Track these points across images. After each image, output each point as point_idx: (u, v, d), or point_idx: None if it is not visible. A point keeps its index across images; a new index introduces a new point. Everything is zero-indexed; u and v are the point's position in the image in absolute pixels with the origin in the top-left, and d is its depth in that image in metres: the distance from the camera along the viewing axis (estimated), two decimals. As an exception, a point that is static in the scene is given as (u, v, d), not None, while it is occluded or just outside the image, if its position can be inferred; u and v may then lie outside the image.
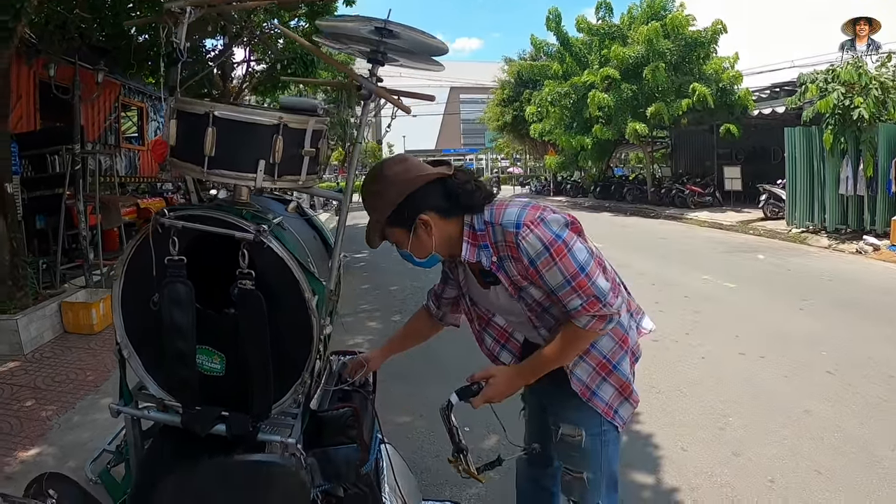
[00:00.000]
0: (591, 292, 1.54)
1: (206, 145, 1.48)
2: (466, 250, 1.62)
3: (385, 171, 1.57)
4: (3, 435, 3.88)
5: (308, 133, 1.58)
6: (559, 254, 1.52)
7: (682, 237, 12.80)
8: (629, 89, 16.77)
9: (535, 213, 1.55)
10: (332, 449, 1.89)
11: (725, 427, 3.70)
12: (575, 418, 1.79)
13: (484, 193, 1.61)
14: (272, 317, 1.58)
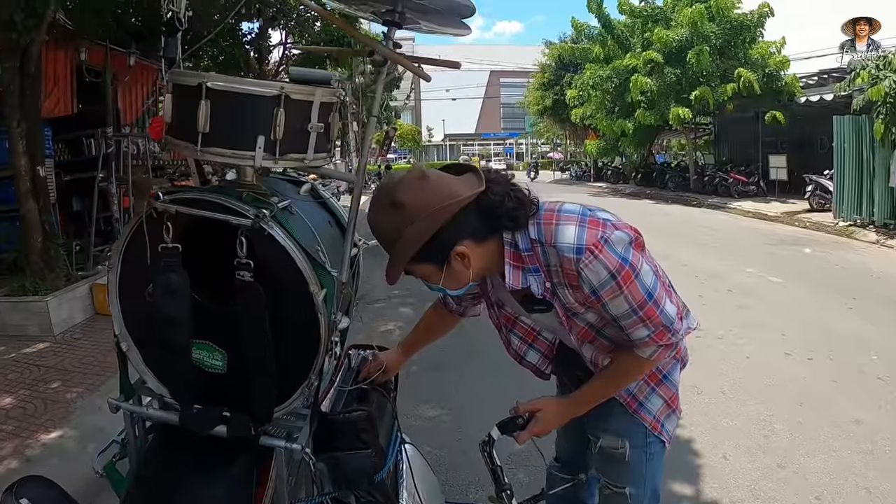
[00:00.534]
0: (660, 321, 1.36)
1: (198, 120, 1.31)
2: (510, 275, 1.37)
3: (401, 197, 1.27)
4: (28, 416, 3.88)
5: (315, 105, 1.39)
6: (626, 281, 1.30)
7: (726, 227, 12.40)
8: (672, 73, 16.34)
9: (596, 232, 1.29)
10: (343, 454, 1.73)
11: (770, 435, 3.47)
12: (618, 429, 1.62)
13: (527, 207, 1.34)
14: (275, 312, 1.42)
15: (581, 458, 1.95)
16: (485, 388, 4.20)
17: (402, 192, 1.27)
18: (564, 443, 2.02)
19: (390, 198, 1.28)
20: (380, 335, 5.38)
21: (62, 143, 7.94)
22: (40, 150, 5.76)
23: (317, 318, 1.41)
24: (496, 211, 1.31)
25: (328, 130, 1.48)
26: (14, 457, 3.38)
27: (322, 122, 1.42)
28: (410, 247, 1.27)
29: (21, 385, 4.37)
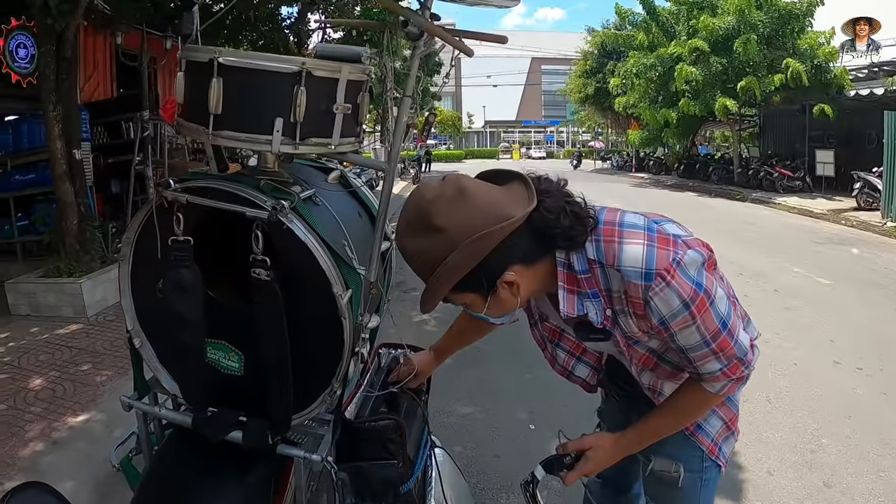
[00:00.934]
0: (733, 353, 1.19)
1: (210, 100, 1.17)
2: (564, 301, 1.19)
3: (439, 220, 1.08)
4: (57, 399, 3.87)
5: (341, 84, 1.23)
6: (700, 310, 1.12)
7: (770, 223, 11.95)
8: (718, 62, 15.80)
9: (667, 253, 1.11)
10: (368, 464, 1.61)
11: (817, 450, 3.23)
12: (672, 452, 1.46)
13: (585, 224, 1.15)
14: (294, 313, 1.29)
15: (626, 477, 1.80)
16: (521, 385, 4.07)
17: (440, 213, 1.08)
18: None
19: (425, 220, 1.09)
20: (414, 325, 5.26)
21: (101, 127, 8.02)
22: (76, 133, 5.78)
23: (340, 322, 1.26)
24: (550, 230, 1.13)
25: (357, 112, 1.33)
26: (40, 439, 3.36)
27: (349, 102, 1.27)
28: (451, 277, 1.11)
29: (52, 366, 4.39)
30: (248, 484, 1.47)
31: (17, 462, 3.14)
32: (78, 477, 3.00)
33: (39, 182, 6.56)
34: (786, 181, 16.01)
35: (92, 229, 5.99)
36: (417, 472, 1.69)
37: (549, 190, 1.17)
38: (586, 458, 1.37)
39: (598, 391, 1.70)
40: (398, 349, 1.95)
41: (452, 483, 2.01)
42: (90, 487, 2.91)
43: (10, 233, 6.92)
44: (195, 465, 1.51)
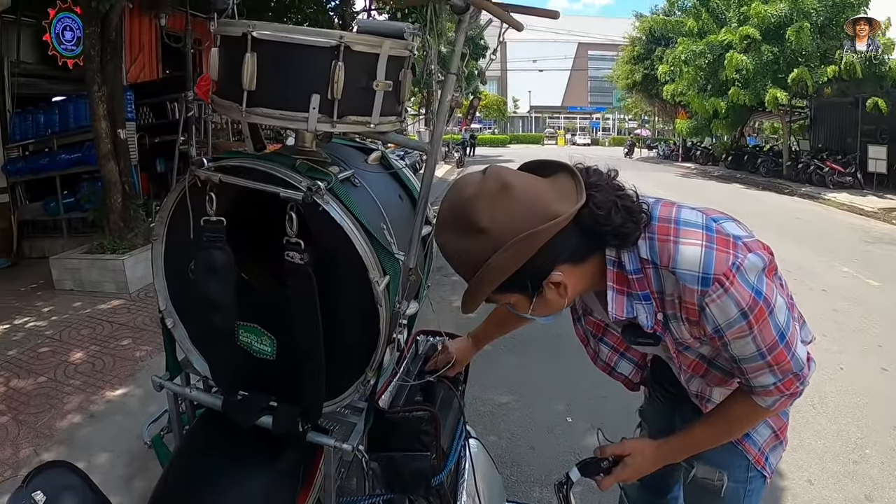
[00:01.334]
0: (789, 367, 1.11)
1: (244, 76, 1.12)
2: (613, 303, 1.11)
3: (482, 219, 1.00)
4: (96, 372, 3.96)
5: (382, 59, 1.17)
6: (759, 319, 1.04)
7: (819, 219, 11.52)
8: (770, 51, 15.26)
9: (727, 256, 1.03)
10: (400, 455, 1.56)
11: (860, 462, 3.08)
12: (717, 460, 1.39)
13: (637, 220, 1.07)
14: (329, 298, 1.24)
15: (665, 480, 1.72)
16: (560, 375, 4.00)
17: (482, 211, 1.00)
18: None
19: (466, 219, 1.02)
20: (454, 311, 5.21)
21: (147, 108, 8.15)
22: (121, 113, 5.88)
23: (376, 310, 1.21)
24: (600, 228, 1.05)
25: (398, 90, 1.26)
26: (78, 412, 3.44)
27: (391, 79, 1.20)
28: (494, 279, 1.04)
29: (93, 341, 4.49)
30: (276, 469, 1.44)
31: (55, 434, 3.21)
32: (113, 450, 3.06)
33: (85, 161, 6.70)
34: (836, 176, 15.43)
35: (136, 207, 6.11)
36: (451, 464, 1.65)
37: (599, 183, 1.08)
38: (624, 465, 1.30)
39: (640, 389, 1.62)
40: (436, 336, 1.91)
41: (485, 475, 1.97)
42: (124, 461, 2.96)
43: (57, 210, 7.10)
44: (224, 447, 1.48)
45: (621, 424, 1.67)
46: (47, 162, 6.91)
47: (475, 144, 29.40)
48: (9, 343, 4.46)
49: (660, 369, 1.48)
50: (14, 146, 7.22)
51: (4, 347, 4.37)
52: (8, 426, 3.29)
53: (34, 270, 6.54)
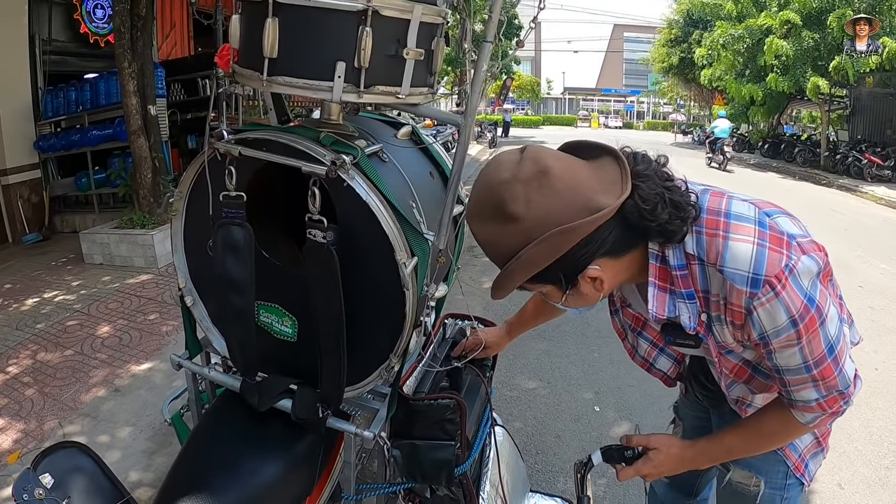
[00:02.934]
0: (835, 384, 1.02)
1: (265, 43, 1.05)
2: (654, 300, 1.03)
3: (516, 207, 0.92)
4: (123, 346, 3.98)
5: (413, 26, 1.08)
6: (809, 329, 0.95)
7: (856, 213, 11.12)
8: (810, 38, 14.71)
9: (780, 256, 0.94)
10: (423, 444, 1.51)
11: (892, 467, 2.93)
12: (754, 464, 1.31)
13: (685, 216, 0.97)
14: (353, 279, 1.18)
15: (695, 480, 1.65)
16: (589, 363, 3.92)
17: (516, 198, 0.91)
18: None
19: (499, 205, 0.93)
20: (483, 291, 5.14)
21: (178, 84, 8.18)
22: (151, 89, 5.88)
23: (403, 293, 1.15)
24: (645, 223, 0.96)
25: (430, 59, 1.18)
26: (103, 385, 3.46)
27: (422, 47, 1.12)
28: (526, 271, 0.96)
29: (120, 315, 4.52)
30: (294, 453, 1.40)
31: (80, 407, 3.24)
32: (136, 424, 3.07)
33: (116, 137, 6.73)
34: (875, 169, 14.90)
35: (166, 183, 6.13)
36: (475, 453, 1.59)
37: (646, 172, 0.98)
38: (647, 459, 1.23)
39: (676, 385, 1.53)
40: (464, 320, 1.84)
41: (510, 464, 1.92)
42: (147, 435, 2.97)
43: (88, 185, 7.17)
44: (242, 429, 1.44)
45: (649, 415, 1.59)
46: (79, 138, 6.96)
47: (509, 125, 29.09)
48: (37, 316, 4.52)
49: (699, 366, 1.40)
50: (46, 123, 7.29)
51: (33, 321, 4.43)
52: (34, 398, 3.32)
53: (65, 245, 6.63)
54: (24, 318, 4.47)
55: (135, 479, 2.66)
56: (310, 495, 1.45)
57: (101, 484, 1.32)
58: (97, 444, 2.90)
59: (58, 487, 1.12)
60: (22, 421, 3.09)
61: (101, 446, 2.89)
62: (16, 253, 6.53)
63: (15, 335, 4.16)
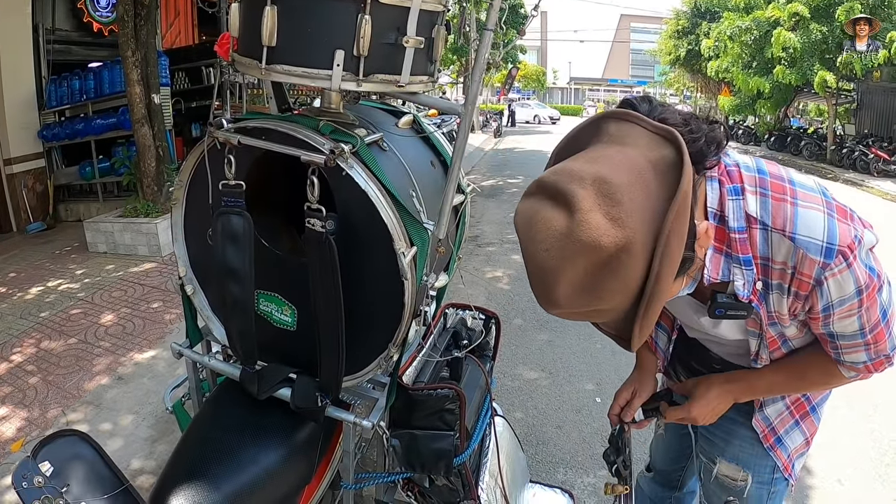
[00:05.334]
0: (885, 347, 1.03)
1: (263, 31, 1.04)
2: (709, 261, 0.94)
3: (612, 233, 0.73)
4: (126, 335, 4.00)
5: (413, 13, 1.07)
6: (870, 297, 0.95)
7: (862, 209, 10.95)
8: (819, 30, 14.59)
9: (849, 228, 0.91)
10: (421, 434, 1.51)
11: (892, 463, 2.92)
12: (742, 458, 1.31)
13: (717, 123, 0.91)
14: (352, 269, 1.18)
15: (677, 472, 1.65)
16: (591, 354, 3.92)
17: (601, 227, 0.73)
18: (663, 451, 1.70)
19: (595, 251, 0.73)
20: (486, 282, 5.14)
21: (182, 73, 8.18)
22: (155, 78, 5.87)
23: (401, 283, 1.14)
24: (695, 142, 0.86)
25: (431, 47, 1.17)
26: (106, 373, 3.48)
27: (423, 35, 1.11)
28: (669, 284, 0.80)
29: (124, 303, 4.53)
30: (294, 442, 1.40)
31: (83, 395, 3.26)
32: (139, 412, 3.09)
33: (120, 126, 6.74)
34: (881, 164, 14.79)
35: (170, 171, 6.13)
36: (474, 443, 1.60)
37: (655, 107, 0.89)
38: (694, 400, 1.22)
39: None
40: (466, 310, 1.84)
41: (509, 455, 1.92)
42: (149, 423, 2.98)
43: (92, 174, 7.19)
44: (242, 417, 1.44)
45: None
46: (82, 127, 6.97)
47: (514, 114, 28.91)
48: (42, 305, 4.54)
49: (686, 350, 1.38)
50: (50, 112, 7.31)
51: (37, 309, 4.45)
52: (37, 386, 3.34)
53: (69, 233, 6.65)
54: (28, 307, 4.50)
55: (136, 466, 2.68)
56: (309, 483, 1.46)
57: (101, 472, 1.31)
58: (100, 432, 2.92)
59: (57, 475, 1.12)
60: (25, 409, 3.11)
61: (103, 434, 2.91)
62: (20, 242, 6.55)
63: (19, 324, 4.18)
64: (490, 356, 1.82)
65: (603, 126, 0.86)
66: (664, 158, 0.79)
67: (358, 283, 1.20)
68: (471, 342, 1.70)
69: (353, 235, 1.16)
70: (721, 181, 0.94)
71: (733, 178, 0.95)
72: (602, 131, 0.85)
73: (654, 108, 0.89)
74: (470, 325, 1.84)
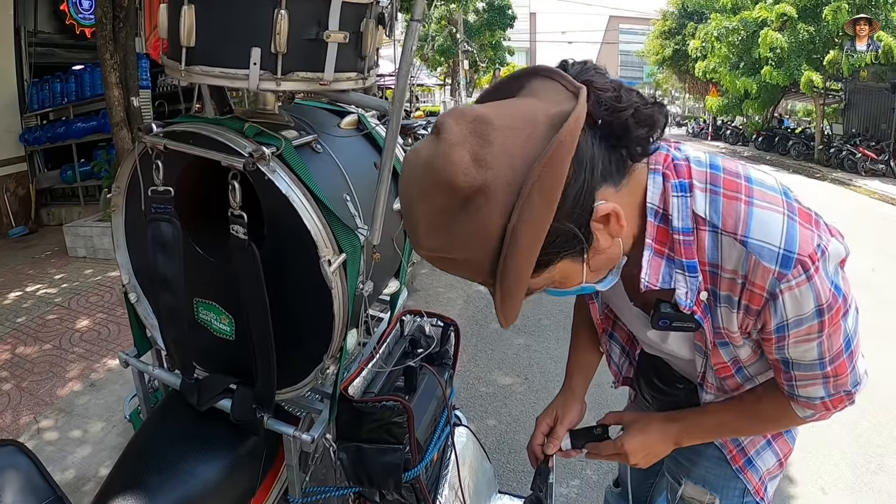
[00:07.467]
0: (845, 382, 0.92)
1: (182, 32, 1.00)
2: (648, 265, 0.84)
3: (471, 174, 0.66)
4: (101, 340, 3.95)
5: (335, 7, 1.02)
6: (833, 321, 0.82)
7: (849, 208, 11.02)
8: (806, 30, 14.62)
9: (811, 234, 0.79)
10: (369, 448, 1.46)
11: (878, 471, 2.87)
12: (708, 480, 1.21)
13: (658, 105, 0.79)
14: (282, 276, 1.13)
15: (646, 490, 1.59)
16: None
17: (464, 165, 0.66)
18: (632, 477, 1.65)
19: (446, 190, 0.68)
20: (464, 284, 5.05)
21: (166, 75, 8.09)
22: (135, 81, 5.80)
23: (328, 290, 1.10)
24: (619, 115, 0.74)
25: (359, 42, 1.12)
26: (79, 379, 3.43)
27: (348, 29, 1.06)
28: (529, 248, 0.69)
29: (100, 308, 4.48)
30: (236, 455, 1.36)
31: (55, 401, 3.21)
32: (109, 419, 3.05)
33: (101, 129, 6.68)
34: (868, 163, 14.84)
35: (148, 176, 6.06)
36: (429, 456, 1.54)
37: (588, 68, 0.79)
38: (624, 436, 1.10)
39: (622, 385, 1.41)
40: (422, 317, 1.79)
41: (473, 466, 1.87)
42: (118, 431, 2.94)
43: (73, 178, 7.13)
44: (184, 429, 1.40)
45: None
46: (64, 130, 6.92)
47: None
48: (18, 310, 4.48)
49: (650, 364, 1.30)
50: (32, 115, 7.25)
51: (14, 315, 4.39)
52: (10, 393, 3.29)
53: (50, 238, 6.59)
54: (5, 312, 4.45)
55: (103, 474, 2.63)
56: (253, 497, 1.41)
57: (35, 482, 1.29)
58: (70, 440, 2.88)
59: (-9, 486, 1.08)
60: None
61: (73, 441, 2.87)
62: (1, 246, 6.50)
63: (-6, 330, 4.13)
64: (449, 365, 1.76)
65: (526, 82, 0.79)
66: (563, 114, 0.68)
67: (289, 291, 1.16)
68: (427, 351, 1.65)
69: (280, 242, 1.11)
70: (666, 175, 0.83)
71: (680, 173, 0.83)
72: (524, 86, 0.79)
73: (585, 70, 0.78)
74: (428, 332, 1.78)
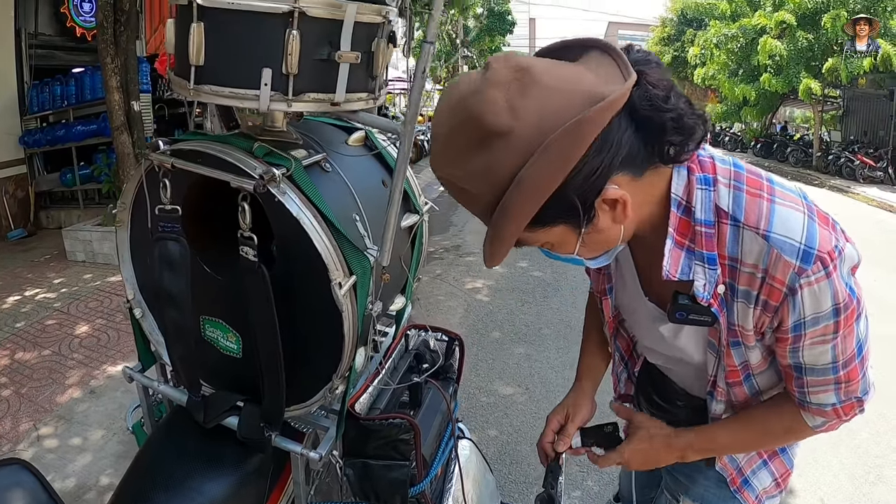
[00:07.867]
0: (856, 388, 0.92)
1: (191, 50, 0.99)
2: (669, 255, 0.86)
3: (500, 118, 0.70)
4: (100, 346, 3.93)
5: (346, 26, 1.02)
6: (847, 323, 0.84)
7: (848, 215, 10.96)
8: (804, 38, 14.67)
9: (829, 234, 0.82)
10: (376, 464, 1.46)
11: (876, 483, 2.86)
12: (706, 498, 1.20)
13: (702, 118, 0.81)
14: (292, 297, 1.13)
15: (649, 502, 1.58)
16: (570, 368, 3.82)
17: (497, 107, 0.70)
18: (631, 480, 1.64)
19: (474, 125, 0.71)
20: (465, 293, 5.07)
21: (166, 79, 8.09)
22: (135, 85, 5.79)
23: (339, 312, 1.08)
24: (660, 114, 0.76)
25: (371, 62, 1.11)
26: (78, 386, 3.42)
27: (359, 49, 1.06)
28: (532, 199, 0.72)
29: (99, 314, 4.46)
30: (242, 471, 1.35)
31: (55, 408, 3.19)
32: (109, 427, 3.03)
33: (101, 132, 6.66)
34: (867, 171, 14.87)
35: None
36: (433, 473, 1.54)
37: (648, 60, 0.80)
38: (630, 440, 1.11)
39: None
40: (427, 331, 1.79)
41: (476, 478, 1.87)
42: (119, 439, 2.93)
43: (73, 181, 7.11)
44: (190, 445, 1.39)
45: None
46: (64, 133, 6.89)
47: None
48: (17, 315, 4.46)
49: (648, 379, 1.30)
50: (32, 117, 7.23)
51: (13, 320, 4.37)
52: (10, 399, 3.27)
53: (49, 241, 6.57)
54: (4, 317, 4.43)
55: (105, 483, 2.62)
56: (260, 513, 1.40)
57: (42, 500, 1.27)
58: (70, 447, 2.86)
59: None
60: (-4, 423, 3.05)
61: (73, 449, 2.85)
62: (0, 249, 6.46)
63: (-7, 335, 4.11)
64: (454, 379, 1.76)
65: (587, 52, 0.81)
66: (604, 94, 0.71)
67: (298, 312, 1.15)
68: (432, 366, 1.65)
69: (290, 263, 1.11)
70: (691, 168, 0.85)
71: (705, 168, 0.86)
72: (584, 54, 0.81)
73: (645, 61, 0.80)
74: (433, 346, 1.78)
